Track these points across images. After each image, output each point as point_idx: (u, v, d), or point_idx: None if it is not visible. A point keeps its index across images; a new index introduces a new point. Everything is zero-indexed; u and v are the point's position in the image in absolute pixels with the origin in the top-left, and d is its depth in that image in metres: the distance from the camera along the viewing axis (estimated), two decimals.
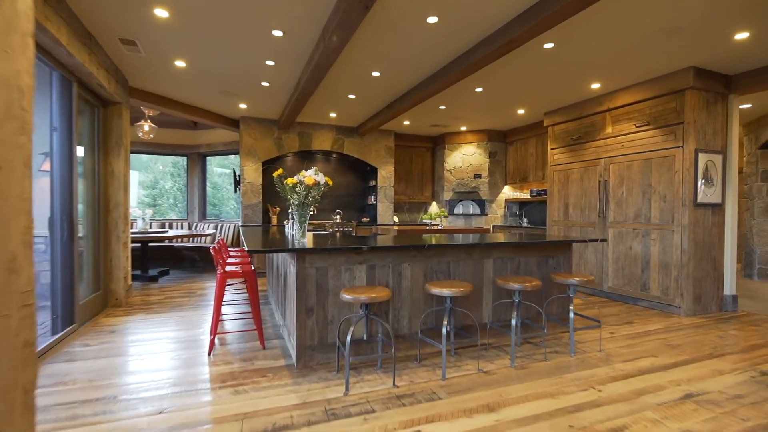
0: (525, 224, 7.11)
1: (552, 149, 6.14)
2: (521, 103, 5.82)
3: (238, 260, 4.12)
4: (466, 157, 7.76)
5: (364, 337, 3.04)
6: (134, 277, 6.39)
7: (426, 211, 8.68)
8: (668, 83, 4.48)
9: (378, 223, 7.60)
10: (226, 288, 5.40)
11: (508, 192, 7.78)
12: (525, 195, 7.48)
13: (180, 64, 4.34)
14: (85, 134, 4.11)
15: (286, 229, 4.62)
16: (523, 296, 3.63)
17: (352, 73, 4.61)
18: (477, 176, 7.66)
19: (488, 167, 7.58)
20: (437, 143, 8.21)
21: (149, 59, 4.23)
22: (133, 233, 6.20)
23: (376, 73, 4.57)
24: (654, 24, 3.33)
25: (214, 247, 3.40)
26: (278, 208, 7.21)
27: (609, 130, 5.22)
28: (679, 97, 4.43)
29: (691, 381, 2.69)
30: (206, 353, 3.13)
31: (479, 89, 5.12)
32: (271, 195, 7.31)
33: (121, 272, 4.59)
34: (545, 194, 6.83)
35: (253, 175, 6.78)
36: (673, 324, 4.07)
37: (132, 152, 8.15)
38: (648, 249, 4.73)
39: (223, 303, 4.15)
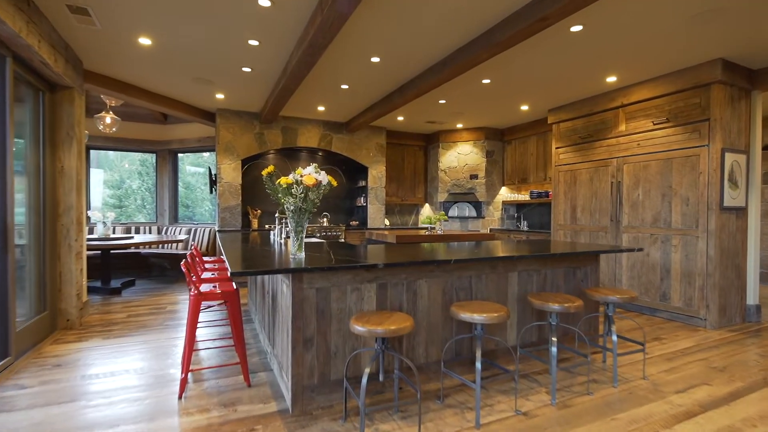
0: (525, 228, 6.72)
1: (557, 148, 5.76)
2: (526, 98, 5.40)
3: (216, 275, 3.49)
4: (461, 156, 7.31)
5: (380, 377, 2.49)
6: (93, 290, 5.61)
7: (418, 214, 8.19)
8: (692, 77, 4.13)
9: (368, 226, 7.05)
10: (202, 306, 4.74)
11: (505, 193, 7.38)
12: (524, 197, 7.09)
13: (145, 41, 3.67)
14: (27, 123, 3.39)
15: (271, 237, 4.02)
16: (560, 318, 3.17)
17: (348, 59, 4.05)
18: (473, 177, 7.23)
19: (485, 167, 7.15)
20: (431, 141, 7.73)
21: (107, 34, 3.55)
22: (91, 240, 5.43)
23: (375, 59, 4.03)
24: (697, 4, 2.94)
25: (185, 262, 2.77)
26: (259, 211, 6.56)
27: (622, 127, 4.86)
28: (704, 92, 4.09)
29: (765, 420, 2.28)
30: (176, 396, 2.51)
31: (487, 80, 4.65)
32: (252, 196, 6.65)
33: (73, 288, 3.87)
34: (547, 196, 6.45)
35: (232, 174, 6.11)
36: (704, 340, 3.71)
37: (93, 148, 7.31)
38: (668, 256, 4.38)
39: (198, 324, 3.49)
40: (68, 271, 3.85)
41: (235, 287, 2.80)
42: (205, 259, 4.32)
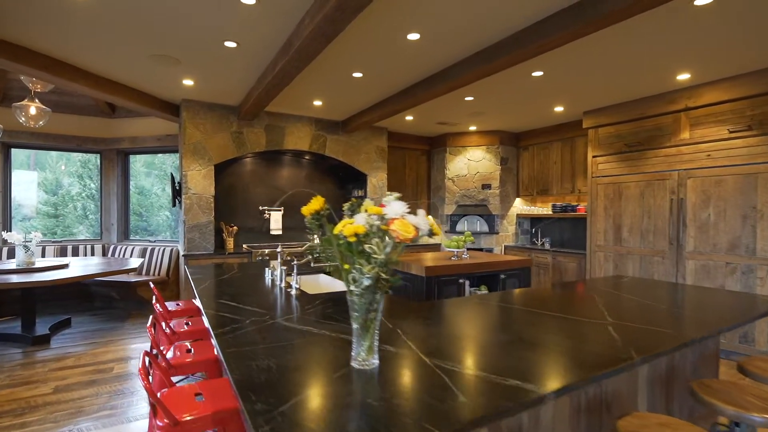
0: (546, 246, 5.92)
1: (594, 157, 4.97)
2: (565, 98, 4.56)
3: (190, 346, 2.30)
4: (472, 163, 6.41)
5: None
6: (8, 339, 4.17)
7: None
8: None
9: None
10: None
11: (519, 206, 6.56)
12: (542, 210, 6.30)
13: None
14: None
15: (266, 276, 2.87)
16: None
17: (376, 35, 2.99)
18: (486, 186, 6.35)
19: (499, 176, 6.29)
20: (435, 145, 6.78)
21: None
22: (3, 272, 4.01)
23: (413, 36, 2.99)
24: None
25: (151, 338, 1.62)
26: (235, 228, 5.31)
27: (685, 135, 4.12)
28: None
29: None
30: None
31: (538, 73, 3.74)
32: (226, 209, 5.39)
33: None
34: (573, 210, 5.68)
35: (202, 183, 4.84)
36: None
37: (16, 146, 5.76)
38: (752, 290, 3.67)
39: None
40: None
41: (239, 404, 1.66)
42: (169, 305, 3.09)
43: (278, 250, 2.73)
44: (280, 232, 5.77)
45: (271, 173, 5.78)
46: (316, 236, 5.86)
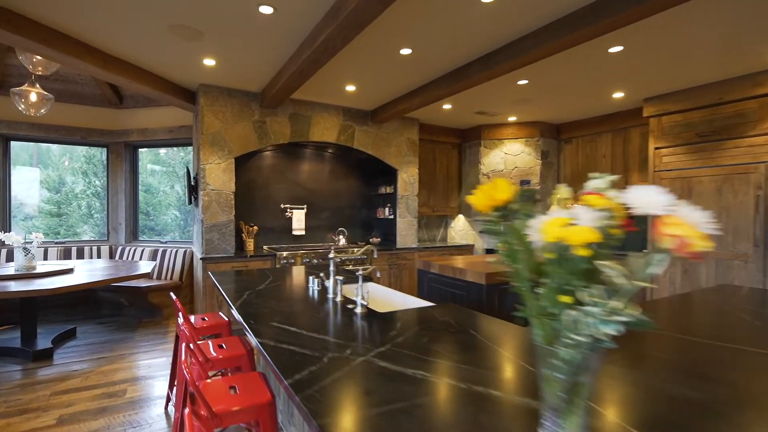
0: None
1: (657, 149, 4.46)
2: (631, 82, 4.05)
3: (233, 384, 1.81)
4: (510, 157, 5.91)
5: None
6: (7, 353, 3.69)
7: (447, 227, 6.71)
8: None
9: (398, 245, 5.49)
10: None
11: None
12: None
13: None
14: None
15: (311, 286, 2.38)
16: None
17: (435, 1, 2.49)
18: (524, 182, 5.84)
19: (540, 171, 5.79)
20: (468, 138, 6.27)
21: None
22: (2, 278, 3.53)
23: None
24: None
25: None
26: (255, 227, 4.82)
27: None
28: None
29: None
30: None
31: (615, 49, 3.23)
32: (244, 207, 4.90)
33: None
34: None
35: (221, 178, 4.34)
36: None
37: (15, 139, 5.29)
38: None
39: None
40: None
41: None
42: (193, 318, 2.60)
43: (331, 255, 2.22)
44: (303, 233, 5.28)
45: (292, 168, 5.28)
46: (341, 236, 5.39)
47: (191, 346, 1.84)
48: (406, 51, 3.30)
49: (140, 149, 5.85)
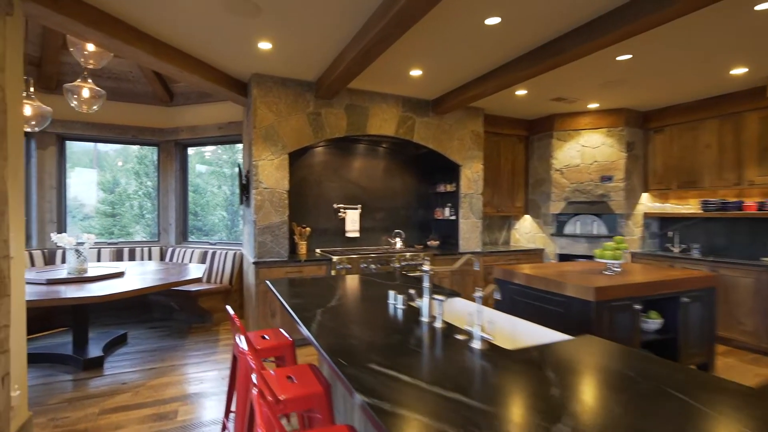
0: (696, 255, 4.59)
1: None
2: (760, 52, 3.29)
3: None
4: (588, 150, 5.20)
5: None
6: (59, 360, 3.52)
7: (510, 229, 6.08)
8: None
9: (460, 249, 4.95)
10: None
11: (646, 202, 5.27)
12: (683, 208, 4.99)
13: None
14: None
15: (392, 303, 1.92)
16: None
17: None
18: (606, 179, 5.12)
19: (624, 165, 5.04)
20: (536, 130, 5.62)
21: None
22: (54, 282, 3.36)
23: None
24: None
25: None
26: (308, 229, 4.45)
27: None
28: None
29: None
30: None
31: (763, 6, 2.55)
32: (297, 207, 4.55)
33: None
34: (738, 208, 4.35)
35: (275, 175, 4.01)
36: None
37: (69, 138, 5.25)
38: None
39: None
40: None
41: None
42: (254, 341, 2.21)
43: (425, 268, 1.74)
44: (357, 234, 4.88)
45: (345, 165, 4.89)
46: (398, 239, 4.93)
47: (255, 379, 1.42)
48: (493, 20, 2.77)
49: (189, 148, 5.68)
